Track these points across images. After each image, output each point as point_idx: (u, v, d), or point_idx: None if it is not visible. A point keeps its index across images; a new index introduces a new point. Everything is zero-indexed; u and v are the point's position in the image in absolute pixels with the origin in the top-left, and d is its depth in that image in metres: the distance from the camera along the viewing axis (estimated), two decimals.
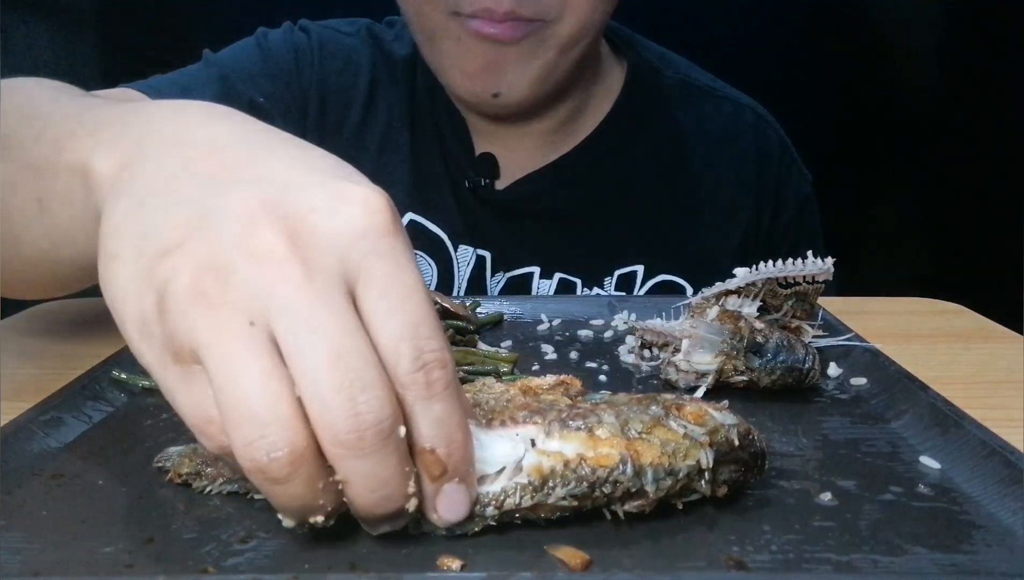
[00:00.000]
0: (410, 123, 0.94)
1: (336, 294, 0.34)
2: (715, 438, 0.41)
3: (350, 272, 0.34)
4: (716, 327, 0.57)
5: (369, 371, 0.33)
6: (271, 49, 0.93)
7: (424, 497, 0.36)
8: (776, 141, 1.00)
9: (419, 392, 0.35)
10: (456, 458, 0.36)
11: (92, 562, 0.37)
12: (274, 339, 0.33)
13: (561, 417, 0.41)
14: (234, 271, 0.34)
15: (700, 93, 0.99)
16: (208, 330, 0.33)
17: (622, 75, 0.97)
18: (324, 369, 0.33)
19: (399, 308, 0.34)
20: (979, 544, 0.39)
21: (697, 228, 0.96)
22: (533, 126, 0.93)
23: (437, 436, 0.35)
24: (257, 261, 0.34)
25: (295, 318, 0.33)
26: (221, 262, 0.34)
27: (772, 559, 0.37)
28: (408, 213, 0.94)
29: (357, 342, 0.33)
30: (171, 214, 0.36)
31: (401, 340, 0.34)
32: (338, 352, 0.33)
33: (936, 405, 0.51)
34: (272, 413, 0.33)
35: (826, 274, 0.61)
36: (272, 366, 0.33)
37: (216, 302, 0.33)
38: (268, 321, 0.33)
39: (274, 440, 0.32)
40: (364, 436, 0.33)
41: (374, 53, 0.96)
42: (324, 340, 0.33)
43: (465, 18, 0.79)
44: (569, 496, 0.38)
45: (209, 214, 0.35)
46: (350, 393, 0.33)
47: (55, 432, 0.49)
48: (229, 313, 0.33)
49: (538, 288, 0.93)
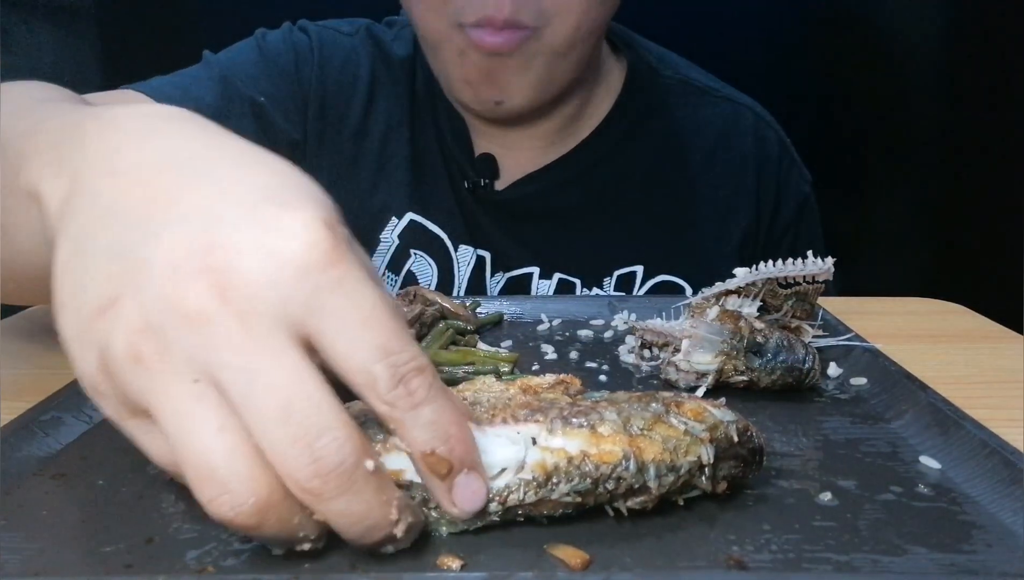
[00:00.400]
0: (410, 123, 0.95)
1: (278, 341, 0.33)
2: (715, 434, 0.41)
3: (295, 314, 0.33)
4: (716, 327, 0.57)
5: (321, 415, 0.33)
6: (271, 50, 0.93)
7: (439, 497, 0.37)
8: (775, 142, 1.00)
9: (404, 405, 0.34)
10: (459, 451, 0.36)
11: (92, 562, 0.37)
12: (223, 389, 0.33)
13: (563, 414, 0.41)
14: (168, 334, 0.33)
15: (699, 93, 0.99)
16: (154, 392, 0.33)
17: (622, 75, 0.97)
18: (275, 422, 0.32)
19: (361, 337, 0.33)
20: (979, 544, 0.39)
21: (696, 229, 0.96)
22: (535, 128, 0.93)
23: (434, 437, 0.35)
24: (189, 322, 0.32)
25: (237, 374, 0.32)
26: (154, 325, 0.33)
27: (772, 559, 0.37)
28: (408, 213, 0.94)
29: (306, 388, 0.33)
30: (102, 264, 0.34)
31: (373, 364, 0.34)
32: (286, 402, 0.32)
33: (936, 405, 0.51)
34: (231, 469, 0.32)
35: (826, 274, 0.61)
36: (225, 418, 0.32)
37: (155, 366, 0.33)
38: (212, 376, 0.33)
39: (237, 495, 0.32)
40: (328, 480, 0.33)
41: (374, 54, 0.96)
42: (270, 392, 0.32)
43: (467, 29, 0.79)
44: (573, 492, 0.38)
45: (138, 265, 0.34)
46: (306, 442, 0.32)
47: (55, 432, 0.49)
48: (171, 375, 0.33)
49: (537, 288, 0.93)
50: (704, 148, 0.97)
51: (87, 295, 0.34)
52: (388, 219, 0.94)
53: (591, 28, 0.83)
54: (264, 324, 0.33)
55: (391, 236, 0.94)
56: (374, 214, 0.94)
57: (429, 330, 0.64)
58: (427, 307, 0.65)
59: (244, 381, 0.32)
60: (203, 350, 0.32)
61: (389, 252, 0.94)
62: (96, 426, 0.51)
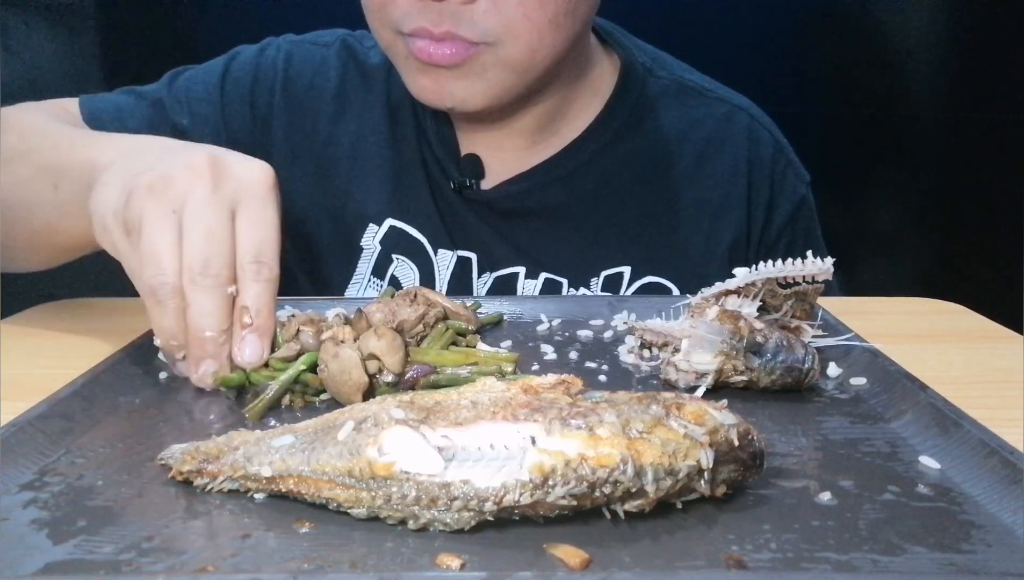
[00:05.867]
0: (387, 129, 0.95)
1: (224, 206, 0.58)
2: (715, 438, 0.41)
3: (238, 199, 0.58)
4: (716, 327, 0.57)
5: (224, 247, 0.57)
6: (233, 71, 0.96)
7: (235, 342, 0.57)
8: (770, 144, 0.99)
9: (250, 275, 0.57)
10: (260, 320, 0.57)
11: (92, 562, 0.37)
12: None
13: (562, 415, 0.41)
14: (174, 179, 0.58)
15: (693, 94, 0.98)
16: (147, 210, 0.57)
17: (614, 75, 0.96)
18: (200, 238, 0.56)
19: (256, 232, 0.58)
20: (978, 544, 0.39)
21: (685, 231, 0.95)
22: (512, 125, 0.92)
23: (252, 303, 0.57)
24: (189, 172, 0.58)
25: (195, 216, 0.57)
26: (169, 174, 0.58)
27: (771, 558, 0.37)
28: (388, 218, 0.93)
29: (224, 233, 0.57)
30: (146, 161, 0.60)
31: (252, 245, 0.58)
32: (209, 233, 0.57)
33: (936, 405, 0.51)
34: (168, 262, 0.56)
35: (826, 274, 0.61)
36: (176, 240, 0.56)
37: (158, 195, 0.57)
38: (182, 212, 0.57)
39: (164, 276, 0.56)
40: (207, 274, 0.56)
41: (345, 63, 0.97)
42: (205, 225, 0.57)
43: (407, 38, 0.79)
44: (569, 495, 0.38)
45: (165, 164, 0.59)
46: (207, 253, 0.56)
47: (55, 432, 0.49)
48: (164, 203, 0.57)
49: (523, 289, 0.93)
50: (696, 149, 0.96)
51: (131, 171, 0.59)
52: (367, 225, 0.94)
53: (550, 52, 0.81)
54: (223, 194, 0.58)
55: (373, 242, 0.94)
56: (353, 221, 0.94)
57: (431, 331, 0.64)
58: (430, 308, 0.65)
59: (196, 214, 0.57)
60: (186, 192, 0.57)
61: (372, 258, 0.94)
62: (96, 425, 0.52)
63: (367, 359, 0.55)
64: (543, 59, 0.81)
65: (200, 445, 0.45)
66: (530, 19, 0.77)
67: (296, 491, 0.41)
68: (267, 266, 0.58)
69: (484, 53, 0.79)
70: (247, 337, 0.57)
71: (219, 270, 0.56)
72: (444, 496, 0.38)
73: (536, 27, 0.78)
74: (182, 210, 0.56)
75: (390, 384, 0.56)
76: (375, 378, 0.56)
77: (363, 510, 0.40)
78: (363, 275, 0.94)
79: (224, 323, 0.56)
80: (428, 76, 0.81)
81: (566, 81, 0.91)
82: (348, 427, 0.42)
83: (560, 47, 0.82)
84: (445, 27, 0.77)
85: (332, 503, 0.41)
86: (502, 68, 0.80)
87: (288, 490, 0.42)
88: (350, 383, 0.54)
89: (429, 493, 0.39)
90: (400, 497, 0.39)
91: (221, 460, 0.43)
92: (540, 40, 0.79)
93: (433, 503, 0.38)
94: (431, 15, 0.76)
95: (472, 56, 0.79)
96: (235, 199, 0.58)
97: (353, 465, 0.40)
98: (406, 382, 0.56)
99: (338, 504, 0.40)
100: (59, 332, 0.76)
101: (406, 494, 0.39)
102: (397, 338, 0.57)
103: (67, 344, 0.72)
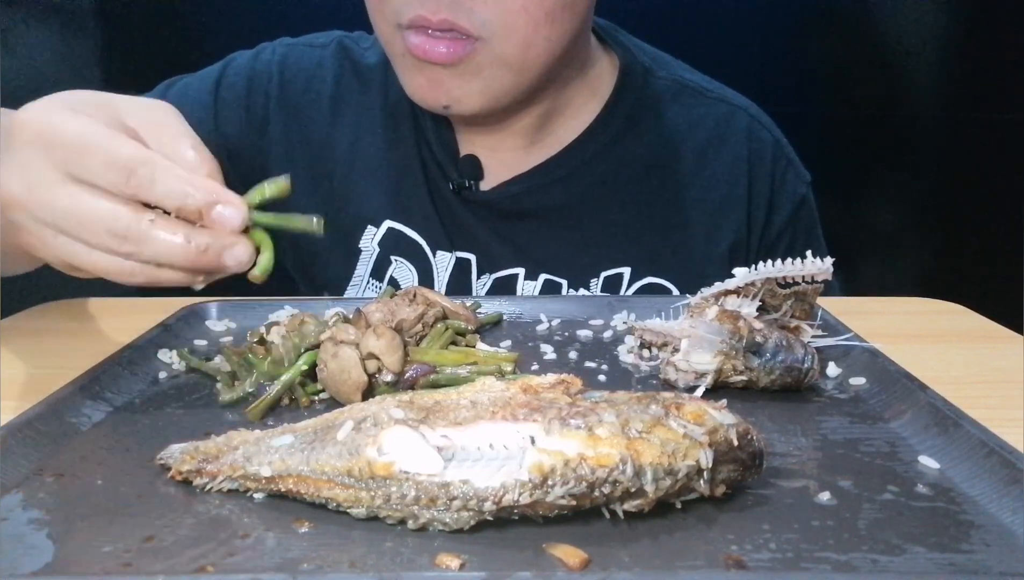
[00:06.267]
0: (384, 130, 0.94)
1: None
2: (714, 438, 0.41)
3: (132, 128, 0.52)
4: (715, 327, 0.57)
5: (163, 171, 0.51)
6: (228, 76, 0.96)
7: (213, 253, 0.50)
8: (770, 144, 0.98)
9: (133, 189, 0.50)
10: (199, 195, 0.50)
11: (92, 562, 0.37)
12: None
13: (561, 415, 0.41)
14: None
15: (693, 94, 0.98)
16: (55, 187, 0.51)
17: (614, 75, 0.96)
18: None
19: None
20: (977, 543, 0.39)
21: (684, 232, 0.95)
22: (511, 125, 0.91)
23: (176, 195, 0.50)
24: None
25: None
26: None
27: (771, 558, 0.37)
28: (386, 220, 0.93)
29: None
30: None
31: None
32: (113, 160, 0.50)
33: (935, 405, 0.51)
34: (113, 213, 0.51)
35: (825, 274, 0.61)
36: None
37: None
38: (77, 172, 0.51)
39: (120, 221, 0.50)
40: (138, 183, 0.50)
41: (341, 64, 0.97)
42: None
43: (406, 34, 0.79)
44: (568, 495, 0.38)
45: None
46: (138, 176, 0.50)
47: (55, 432, 0.49)
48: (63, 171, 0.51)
49: (523, 289, 0.93)
50: (695, 149, 0.96)
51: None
52: (365, 227, 0.94)
53: (545, 48, 0.80)
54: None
55: (371, 244, 0.94)
56: (351, 222, 0.94)
57: (430, 330, 0.64)
58: (429, 308, 0.65)
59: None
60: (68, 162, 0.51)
61: (371, 259, 0.94)
62: (96, 426, 0.52)
63: (366, 358, 0.55)
64: (538, 55, 0.81)
65: (200, 445, 0.45)
66: (527, 12, 0.77)
67: (295, 491, 0.41)
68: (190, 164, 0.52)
69: (480, 51, 0.78)
70: (215, 214, 0.50)
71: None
72: (443, 496, 0.38)
73: (532, 20, 0.78)
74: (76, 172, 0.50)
75: (389, 384, 0.56)
76: (374, 378, 0.56)
77: (362, 510, 0.40)
78: (361, 277, 0.94)
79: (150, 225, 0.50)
80: (424, 74, 0.81)
81: (565, 81, 0.91)
82: (347, 427, 0.42)
83: (556, 44, 0.81)
84: (443, 15, 0.76)
85: (331, 503, 0.41)
86: (498, 66, 0.80)
87: (287, 490, 0.42)
88: (349, 382, 0.54)
89: (428, 493, 0.39)
90: (399, 497, 0.39)
91: (221, 460, 0.44)
92: (536, 34, 0.79)
93: (432, 503, 0.38)
94: (429, 3, 0.76)
95: (468, 54, 0.78)
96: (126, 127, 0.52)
97: (352, 465, 0.40)
98: (405, 382, 0.56)
99: (337, 504, 0.41)
100: (59, 332, 0.76)
101: (405, 494, 0.39)
102: (396, 338, 0.57)
103: (67, 344, 0.72)
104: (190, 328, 0.70)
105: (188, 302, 0.73)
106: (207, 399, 0.56)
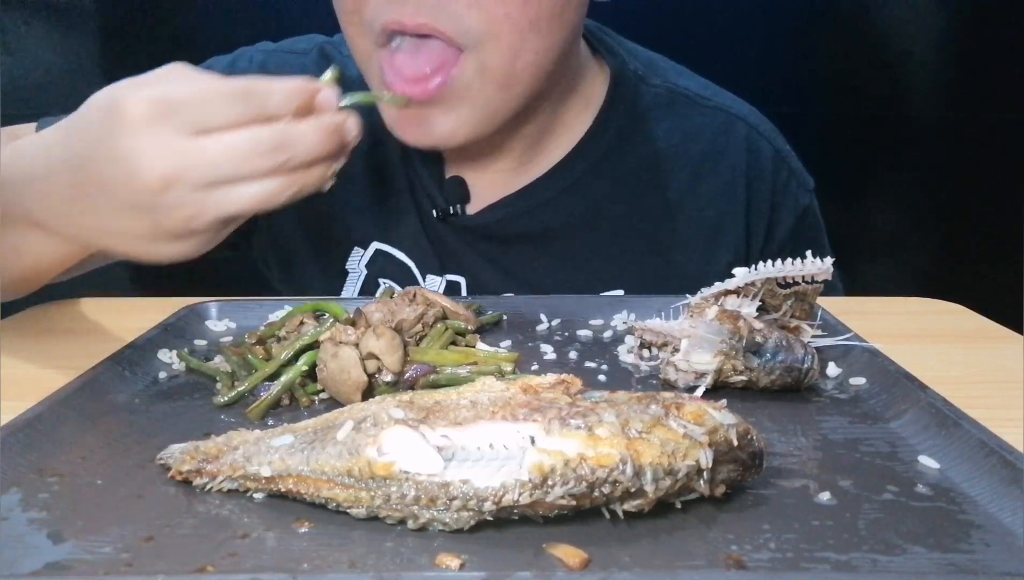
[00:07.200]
0: (370, 146, 0.89)
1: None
2: (714, 438, 0.41)
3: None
4: (715, 327, 0.57)
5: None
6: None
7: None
8: (770, 155, 0.93)
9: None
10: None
11: (92, 562, 0.37)
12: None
13: (561, 415, 0.41)
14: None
15: (688, 103, 0.93)
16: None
17: (605, 84, 0.91)
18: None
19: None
20: (977, 544, 0.39)
21: (680, 251, 0.91)
22: (500, 147, 0.87)
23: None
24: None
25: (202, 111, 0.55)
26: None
27: (771, 558, 0.37)
28: (373, 242, 0.91)
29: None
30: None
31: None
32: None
33: (935, 405, 0.51)
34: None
35: (825, 274, 0.61)
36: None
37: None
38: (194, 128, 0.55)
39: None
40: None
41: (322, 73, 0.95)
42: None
43: (380, 51, 0.75)
44: (568, 495, 0.38)
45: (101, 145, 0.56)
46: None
47: (55, 432, 0.49)
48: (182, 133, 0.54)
49: None
50: (692, 164, 0.91)
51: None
52: (352, 249, 0.91)
53: (532, 60, 0.76)
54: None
55: (359, 266, 0.91)
56: (337, 244, 0.91)
57: (430, 330, 0.64)
58: (429, 308, 0.65)
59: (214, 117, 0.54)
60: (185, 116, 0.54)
61: (359, 282, 0.91)
62: (96, 426, 0.52)
63: (366, 358, 0.55)
64: (525, 67, 0.76)
65: (199, 445, 0.45)
66: (510, 19, 0.73)
67: (295, 491, 0.41)
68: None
69: (463, 64, 0.74)
70: (322, 96, 0.57)
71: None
72: (443, 496, 0.38)
73: (517, 28, 0.73)
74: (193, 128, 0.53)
75: (389, 383, 0.56)
76: (374, 378, 0.56)
77: (362, 510, 0.40)
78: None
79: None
80: (407, 112, 0.77)
81: (557, 99, 0.87)
82: (347, 427, 0.42)
83: (544, 56, 0.77)
84: (422, 19, 0.72)
85: (331, 503, 0.41)
86: (485, 82, 0.75)
87: (287, 490, 0.42)
88: (349, 383, 0.54)
89: (428, 493, 0.39)
90: (399, 497, 0.39)
91: (220, 460, 0.44)
92: (522, 43, 0.74)
93: (432, 503, 0.38)
94: (408, 7, 0.72)
95: (451, 75, 0.74)
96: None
97: (352, 465, 0.40)
98: (405, 382, 0.56)
99: (337, 504, 0.40)
100: (59, 332, 0.76)
101: (405, 494, 0.39)
102: (396, 338, 0.57)
103: (67, 344, 0.72)
104: (190, 328, 0.70)
105: (188, 302, 0.73)
106: (207, 399, 0.56)
